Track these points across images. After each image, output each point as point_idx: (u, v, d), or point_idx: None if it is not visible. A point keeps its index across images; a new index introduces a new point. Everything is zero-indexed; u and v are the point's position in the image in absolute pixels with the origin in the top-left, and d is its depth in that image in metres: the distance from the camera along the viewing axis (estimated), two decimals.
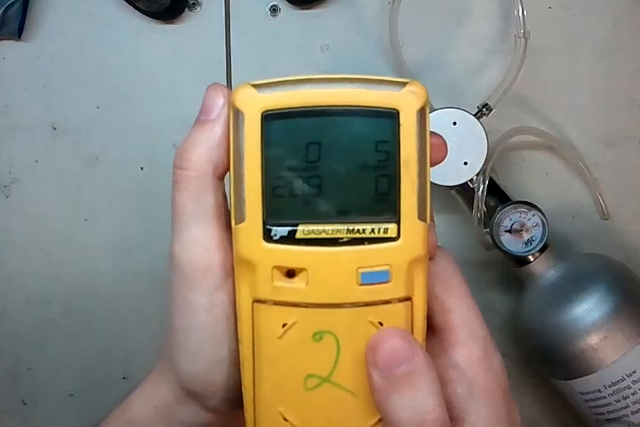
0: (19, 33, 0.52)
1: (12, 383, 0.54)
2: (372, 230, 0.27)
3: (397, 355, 0.26)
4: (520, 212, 0.47)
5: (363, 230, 0.27)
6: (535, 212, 0.47)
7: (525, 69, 0.47)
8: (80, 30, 0.52)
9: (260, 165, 0.27)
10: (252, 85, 0.27)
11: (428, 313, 0.28)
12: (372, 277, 0.27)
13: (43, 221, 0.54)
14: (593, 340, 0.44)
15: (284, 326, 0.27)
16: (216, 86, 0.29)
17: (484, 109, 0.48)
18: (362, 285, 0.27)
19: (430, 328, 0.29)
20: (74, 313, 0.54)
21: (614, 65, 0.51)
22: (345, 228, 0.27)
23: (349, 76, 0.27)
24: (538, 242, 0.47)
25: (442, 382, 0.27)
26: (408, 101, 0.27)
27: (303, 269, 0.27)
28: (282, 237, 0.27)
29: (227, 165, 0.28)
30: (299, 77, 0.27)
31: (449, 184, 0.47)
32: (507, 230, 0.47)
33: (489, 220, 0.47)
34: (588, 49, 0.51)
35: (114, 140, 0.53)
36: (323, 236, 0.27)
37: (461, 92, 0.51)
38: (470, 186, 0.47)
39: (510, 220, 0.47)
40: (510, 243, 0.47)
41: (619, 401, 0.44)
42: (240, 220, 0.27)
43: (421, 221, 0.27)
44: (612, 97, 0.51)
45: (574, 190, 0.51)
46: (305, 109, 0.26)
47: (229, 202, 0.28)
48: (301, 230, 0.27)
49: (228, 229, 0.29)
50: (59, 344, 0.54)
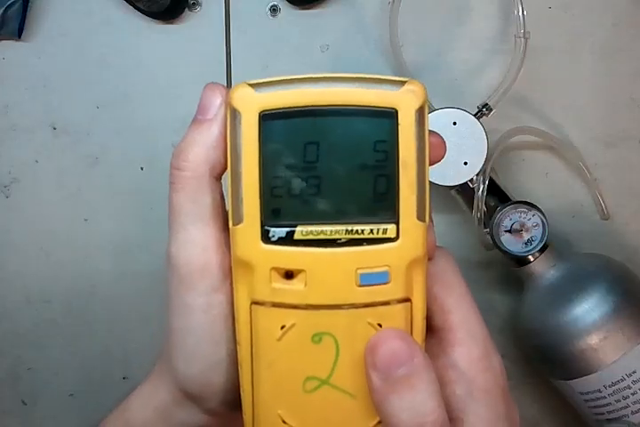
0: (19, 33, 0.52)
1: (11, 383, 0.54)
2: (371, 231, 0.26)
3: (396, 356, 0.26)
4: (520, 212, 0.47)
5: (361, 231, 0.26)
6: (535, 212, 0.47)
7: (525, 69, 0.47)
8: (80, 30, 0.52)
9: (258, 165, 0.26)
10: (250, 85, 0.27)
11: (427, 313, 0.28)
12: (371, 278, 0.27)
13: (43, 221, 0.54)
14: (593, 340, 0.44)
15: (282, 327, 0.27)
16: (213, 85, 0.29)
17: (483, 109, 0.48)
18: (361, 286, 0.27)
19: (429, 328, 0.29)
20: (74, 313, 0.54)
21: (614, 65, 0.51)
22: (343, 228, 0.26)
23: (347, 76, 0.27)
24: (538, 242, 0.47)
25: (441, 383, 0.27)
26: (407, 101, 0.26)
27: (302, 271, 0.27)
28: (280, 238, 0.26)
29: (224, 165, 0.28)
30: (296, 77, 0.27)
31: (449, 184, 0.47)
32: (507, 230, 0.47)
33: (489, 220, 0.47)
34: (587, 49, 0.51)
35: (114, 140, 0.53)
36: (321, 237, 0.26)
37: (461, 92, 0.51)
38: (470, 186, 0.47)
39: (510, 220, 0.47)
40: (510, 243, 0.47)
41: (619, 401, 0.44)
42: (238, 221, 0.27)
43: (420, 222, 0.27)
44: (612, 97, 0.51)
45: (574, 190, 0.51)
46: (303, 109, 0.26)
47: (227, 203, 0.28)
48: (300, 231, 0.26)
49: (225, 230, 0.28)
50: (59, 344, 0.54)
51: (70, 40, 0.53)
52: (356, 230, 0.26)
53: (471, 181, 0.47)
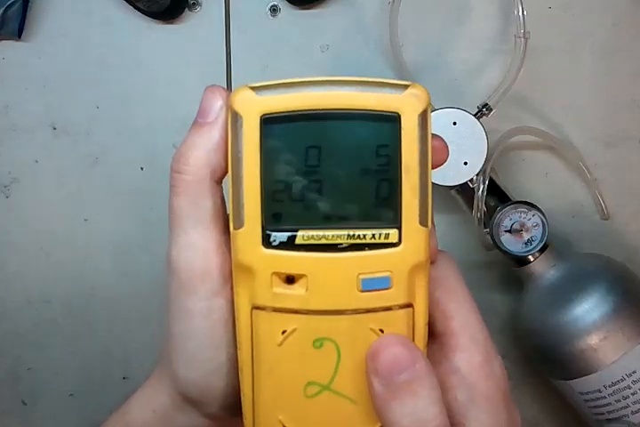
0: (19, 33, 0.52)
1: (11, 383, 0.54)
2: (373, 236, 0.26)
3: (398, 362, 0.26)
4: (520, 212, 0.47)
5: (363, 236, 0.26)
6: (535, 212, 0.47)
7: (525, 69, 0.47)
8: (80, 30, 0.52)
9: (259, 169, 0.26)
10: (251, 88, 0.26)
11: (428, 319, 0.28)
12: (373, 283, 0.26)
13: (43, 221, 0.54)
14: (593, 340, 0.44)
15: (283, 332, 0.27)
16: (214, 88, 0.28)
17: (483, 109, 0.48)
18: (362, 291, 0.26)
19: (431, 333, 0.29)
20: (74, 313, 0.54)
21: (614, 65, 0.51)
22: (345, 233, 0.26)
23: (350, 79, 0.26)
24: (538, 242, 0.47)
25: (442, 389, 0.27)
26: (410, 105, 0.26)
27: (303, 276, 0.26)
28: (281, 242, 0.26)
29: (225, 168, 0.28)
30: (298, 80, 0.26)
31: (449, 184, 0.47)
32: (507, 230, 0.47)
33: (489, 220, 0.47)
34: (588, 49, 0.51)
35: (114, 141, 0.53)
36: (323, 241, 0.26)
37: (461, 92, 0.51)
38: (470, 186, 0.47)
39: (510, 220, 0.47)
40: (510, 243, 0.47)
41: (619, 401, 0.44)
42: (239, 225, 0.27)
43: (423, 226, 0.27)
44: (612, 97, 0.51)
45: (574, 190, 0.51)
46: (305, 113, 0.26)
47: (228, 206, 0.28)
48: (301, 236, 0.26)
49: (226, 234, 0.28)
50: (59, 344, 0.54)
51: (70, 40, 0.52)
52: (358, 235, 0.26)
53: (471, 181, 0.47)
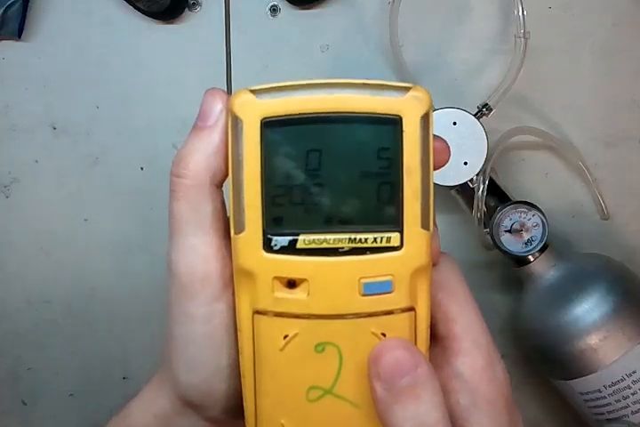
0: (19, 33, 0.52)
1: (11, 383, 0.54)
2: (375, 240, 0.26)
3: (400, 366, 0.26)
4: (520, 212, 0.47)
5: (365, 240, 0.26)
6: (535, 212, 0.47)
7: (525, 69, 0.47)
8: (80, 30, 0.52)
9: (260, 173, 0.26)
10: (251, 91, 0.26)
11: (430, 322, 0.28)
12: (375, 287, 0.26)
13: (43, 221, 0.54)
14: (593, 340, 0.44)
15: (285, 337, 0.27)
16: (214, 91, 0.28)
17: (483, 109, 0.48)
18: (364, 295, 0.26)
19: (433, 337, 0.29)
20: (74, 313, 0.54)
21: (614, 65, 0.51)
22: (347, 237, 0.26)
23: (351, 81, 0.26)
24: (538, 242, 0.47)
25: (445, 392, 0.27)
26: (411, 107, 0.26)
27: (304, 280, 0.26)
28: (282, 246, 0.26)
29: (225, 172, 0.28)
30: (299, 82, 0.26)
31: (449, 184, 0.47)
32: (507, 230, 0.47)
33: (489, 220, 0.47)
34: (588, 49, 0.51)
35: (114, 141, 0.53)
36: (324, 245, 0.26)
37: (461, 92, 0.51)
38: (470, 186, 0.47)
39: (510, 220, 0.47)
40: (510, 243, 0.47)
41: (619, 401, 0.44)
42: (240, 229, 0.26)
43: (424, 230, 0.26)
44: (612, 97, 0.51)
45: (574, 190, 0.51)
46: (305, 116, 0.26)
47: (229, 210, 0.27)
48: (302, 240, 0.26)
49: (226, 238, 0.28)
50: (59, 344, 0.54)
51: (70, 40, 0.52)
52: (360, 239, 0.26)
53: (471, 181, 0.47)
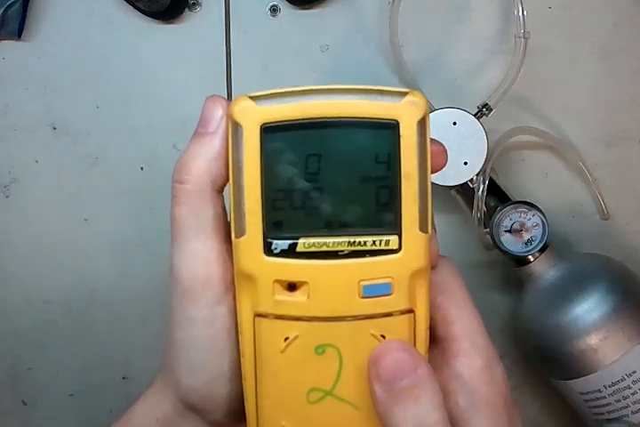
0: (19, 33, 0.52)
1: (11, 383, 0.54)
2: (374, 243, 0.26)
3: (400, 368, 0.26)
4: (520, 212, 0.47)
5: (364, 243, 0.26)
6: (535, 212, 0.47)
7: (525, 69, 0.47)
8: (80, 30, 0.52)
9: (260, 177, 0.26)
10: (251, 97, 0.27)
11: (430, 324, 0.28)
12: (374, 289, 0.27)
13: (43, 221, 0.54)
14: (593, 340, 0.44)
15: (285, 339, 0.27)
16: (214, 98, 0.29)
17: (483, 109, 0.48)
18: (363, 297, 0.27)
19: (432, 339, 0.29)
20: (74, 313, 0.54)
21: (614, 65, 0.51)
22: (346, 240, 0.26)
23: (348, 87, 0.26)
24: (538, 242, 0.47)
25: (444, 394, 0.27)
26: (408, 112, 0.26)
27: (304, 283, 0.27)
28: (282, 250, 0.26)
29: (226, 177, 0.28)
30: (297, 89, 0.26)
31: (449, 184, 0.47)
32: (507, 230, 0.47)
33: (489, 220, 0.47)
34: (588, 49, 0.51)
35: (114, 140, 0.53)
36: (323, 249, 0.26)
37: (461, 92, 0.51)
38: (470, 186, 0.47)
39: (510, 220, 0.47)
40: (510, 243, 0.47)
41: (619, 401, 0.44)
42: (240, 233, 0.27)
43: (423, 233, 0.27)
44: (612, 97, 0.51)
45: (574, 190, 0.51)
46: (304, 121, 0.26)
47: (229, 215, 0.28)
48: (302, 244, 0.26)
49: (227, 242, 0.28)
50: (59, 344, 0.54)
51: (70, 40, 0.52)
52: (359, 242, 0.26)
53: (471, 181, 0.47)
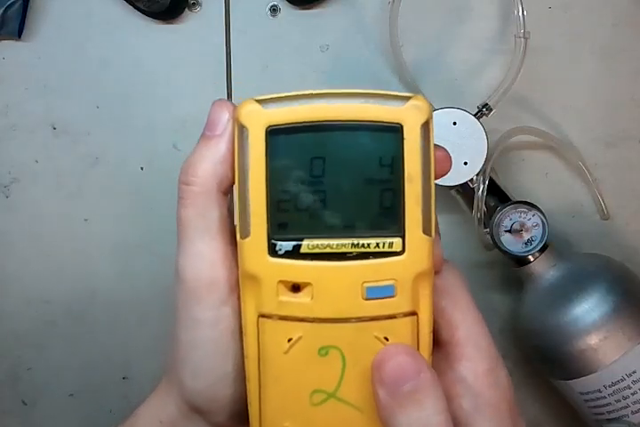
0: (19, 33, 0.52)
1: (11, 383, 0.54)
2: (377, 245, 0.27)
3: (403, 372, 0.26)
4: (520, 212, 0.47)
5: (367, 245, 0.27)
6: (535, 212, 0.47)
7: (525, 69, 0.47)
8: (80, 30, 0.52)
9: (265, 179, 0.27)
10: (257, 101, 0.27)
11: (434, 327, 0.28)
12: (378, 291, 0.27)
13: (43, 222, 0.54)
14: (593, 340, 0.44)
15: (289, 340, 0.27)
16: (221, 102, 0.29)
17: (483, 109, 0.48)
18: (367, 299, 0.27)
19: (436, 342, 0.29)
20: (74, 313, 0.54)
21: (614, 65, 0.51)
22: (350, 242, 0.27)
23: (353, 91, 0.27)
24: (538, 242, 0.47)
25: (448, 398, 0.27)
26: (412, 116, 0.27)
27: (308, 284, 0.27)
28: (287, 251, 0.27)
29: (231, 179, 0.28)
30: (303, 92, 0.27)
31: (449, 184, 0.47)
32: (507, 230, 0.47)
33: (489, 220, 0.47)
34: (588, 49, 0.51)
35: (114, 140, 0.53)
36: (327, 250, 0.27)
37: (461, 92, 0.51)
38: (470, 186, 0.47)
39: (510, 220, 0.47)
40: (510, 243, 0.47)
41: (619, 401, 0.44)
42: (245, 234, 0.27)
43: (426, 235, 0.27)
44: (613, 97, 0.51)
45: (574, 190, 0.51)
46: (309, 124, 0.27)
47: (235, 216, 0.28)
48: (306, 245, 0.27)
49: (232, 243, 0.29)
50: (59, 345, 0.54)
51: (70, 40, 0.52)
52: (363, 244, 0.27)
53: (471, 181, 0.47)
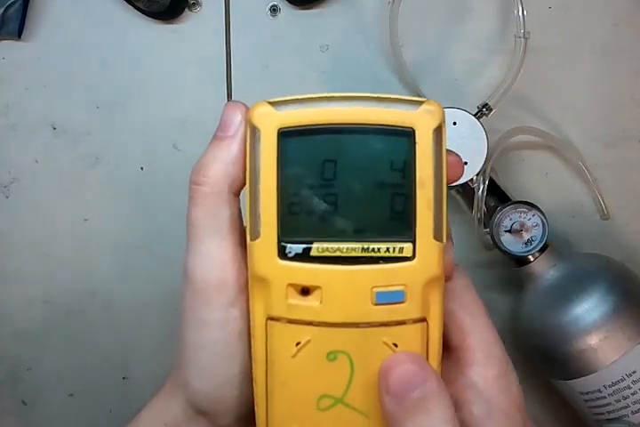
0: (19, 33, 0.52)
1: (11, 383, 0.54)
2: (387, 249, 0.27)
3: (409, 380, 0.26)
4: (520, 212, 0.47)
5: (378, 249, 0.27)
6: (535, 212, 0.47)
7: (525, 69, 0.47)
8: (80, 30, 0.52)
9: (276, 181, 0.27)
10: (269, 103, 0.27)
11: (444, 333, 0.28)
12: (387, 296, 0.27)
13: (43, 221, 0.54)
14: (593, 340, 0.44)
15: (297, 344, 0.27)
16: (234, 103, 0.29)
17: (483, 109, 0.48)
18: (376, 304, 0.27)
19: (447, 348, 0.29)
20: (74, 313, 0.54)
21: (614, 65, 0.51)
22: (360, 246, 0.27)
23: (366, 95, 0.27)
24: (538, 242, 0.47)
25: (459, 403, 0.27)
26: (424, 120, 0.27)
27: (317, 288, 0.27)
28: (296, 254, 0.27)
29: (243, 181, 0.28)
30: (316, 95, 0.27)
31: (449, 184, 0.47)
32: (507, 230, 0.47)
33: (489, 220, 0.47)
34: (588, 49, 0.51)
35: (114, 140, 0.53)
36: (337, 254, 0.27)
37: (461, 92, 0.51)
38: (470, 186, 0.47)
39: (510, 220, 0.47)
40: (510, 243, 0.47)
41: (619, 401, 0.44)
42: (255, 236, 0.27)
43: (437, 241, 0.27)
44: (612, 97, 0.51)
45: (574, 190, 0.51)
46: (321, 127, 0.27)
47: (245, 218, 0.28)
48: (316, 248, 0.27)
49: (242, 245, 0.28)
50: (59, 344, 0.54)
51: (70, 40, 0.52)
52: (373, 248, 0.27)
53: (471, 181, 0.47)
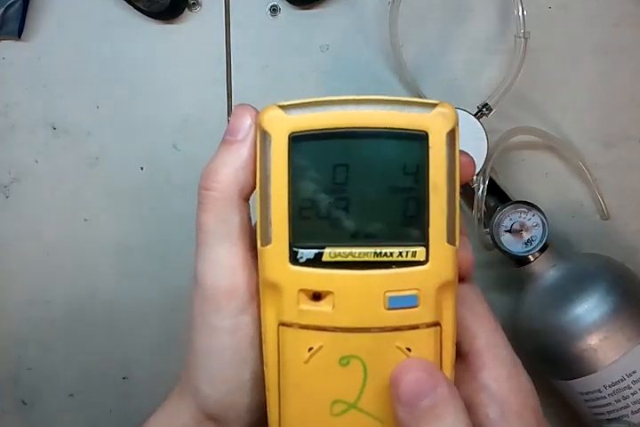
0: (19, 33, 0.52)
1: (11, 383, 0.54)
2: (400, 254, 0.26)
3: (419, 388, 0.26)
4: (520, 212, 0.47)
5: (390, 254, 0.26)
6: (535, 212, 0.47)
7: (525, 69, 0.47)
8: (80, 30, 0.52)
9: (287, 186, 0.26)
10: (280, 106, 0.27)
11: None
12: (400, 301, 0.26)
13: (43, 221, 0.54)
14: (593, 340, 0.44)
15: (310, 349, 0.27)
16: (243, 107, 0.28)
17: (483, 109, 0.48)
18: (389, 309, 0.26)
19: (459, 353, 0.29)
20: (74, 313, 0.54)
21: (614, 65, 0.51)
22: (372, 251, 0.26)
23: (378, 98, 0.26)
24: (538, 242, 0.47)
25: (473, 407, 0.27)
26: (437, 123, 0.26)
27: (329, 293, 0.26)
28: (308, 259, 0.26)
29: (253, 186, 0.28)
30: (326, 99, 0.26)
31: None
32: (507, 230, 0.47)
33: (489, 220, 0.47)
34: (588, 49, 0.51)
35: (114, 140, 0.53)
36: (349, 259, 0.26)
37: (461, 92, 0.51)
38: (470, 186, 0.47)
39: (510, 220, 0.47)
40: (510, 243, 0.47)
41: (619, 401, 0.44)
42: (266, 242, 0.27)
43: (450, 245, 0.27)
44: (612, 97, 0.51)
45: (574, 190, 0.51)
46: (332, 131, 0.26)
47: (256, 223, 0.28)
48: (328, 253, 0.26)
49: (252, 250, 0.28)
50: (59, 344, 0.54)
51: (70, 40, 0.52)
52: (385, 253, 0.26)
53: (471, 181, 0.47)
